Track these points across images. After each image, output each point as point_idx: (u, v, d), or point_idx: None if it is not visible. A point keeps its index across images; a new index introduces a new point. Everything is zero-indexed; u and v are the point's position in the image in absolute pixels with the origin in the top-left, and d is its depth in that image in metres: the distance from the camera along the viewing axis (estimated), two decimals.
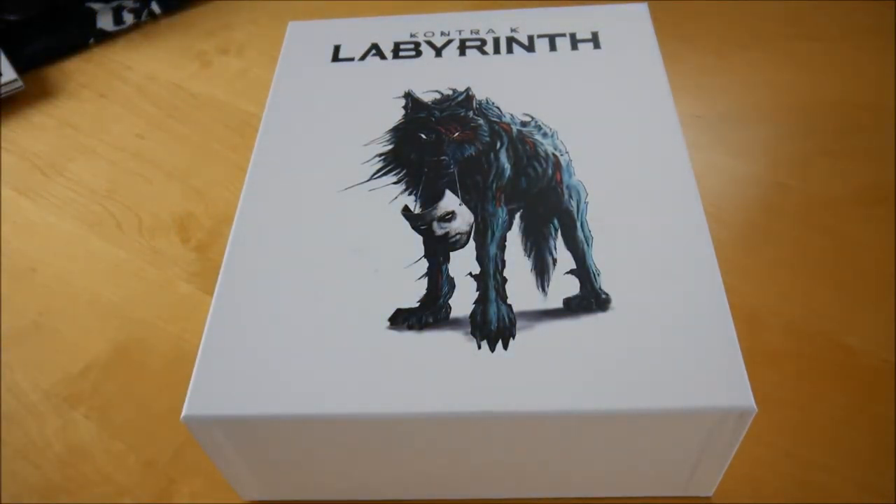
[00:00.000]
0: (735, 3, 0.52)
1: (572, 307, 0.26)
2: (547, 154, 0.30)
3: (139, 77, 0.52)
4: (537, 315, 0.26)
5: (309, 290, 0.27)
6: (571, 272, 0.27)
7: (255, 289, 0.27)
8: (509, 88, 0.34)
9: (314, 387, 0.24)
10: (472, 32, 0.37)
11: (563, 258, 0.27)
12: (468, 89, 0.34)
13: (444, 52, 0.36)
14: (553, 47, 0.36)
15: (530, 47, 0.36)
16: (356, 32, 0.38)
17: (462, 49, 0.36)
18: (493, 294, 0.26)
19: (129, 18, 0.55)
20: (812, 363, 0.32)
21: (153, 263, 0.39)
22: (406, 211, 0.29)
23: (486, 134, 0.31)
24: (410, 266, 0.27)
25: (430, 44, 0.37)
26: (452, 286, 0.27)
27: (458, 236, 0.28)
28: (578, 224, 0.28)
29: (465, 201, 0.29)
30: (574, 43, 0.36)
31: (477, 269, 0.27)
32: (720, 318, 0.25)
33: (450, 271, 0.27)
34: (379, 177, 0.30)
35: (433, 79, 0.35)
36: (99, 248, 0.40)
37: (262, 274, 0.28)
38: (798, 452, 0.30)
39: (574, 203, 0.29)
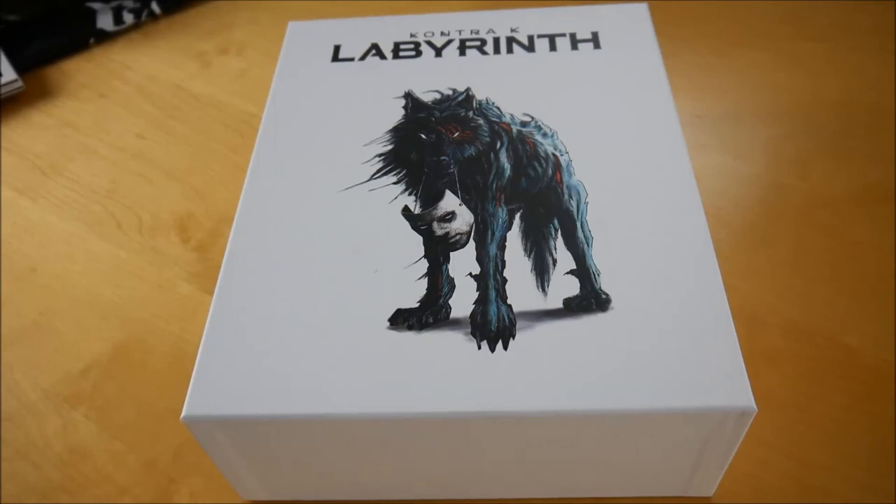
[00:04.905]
0: (735, 3, 0.52)
1: (572, 307, 0.26)
2: (547, 154, 0.30)
3: (139, 77, 0.52)
4: (537, 315, 0.26)
5: (309, 290, 0.27)
6: (571, 272, 0.27)
7: (255, 289, 0.27)
8: (509, 88, 0.34)
9: (314, 387, 0.24)
10: (472, 32, 0.37)
11: (563, 258, 0.27)
12: (468, 89, 0.34)
13: (444, 52, 0.36)
14: (553, 47, 0.36)
15: (530, 47, 0.36)
16: (356, 32, 0.38)
17: (462, 49, 0.36)
18: (493, 294, 0.26)
19: (129, 18, 0.55)
20: (812, 363, 0.32)
21: (153, 263, 0.39)
22: (406, 211, 0.29)
23: (486, 134, 0.31)
24: (410, 266, 0.27)
25: (430, 44, 0.37)
26: (452, 286, 0.27)
27: (458, 236, 0.28)
28: (578, 224, 0.28)
29: (465, 201, 0.29)
30: (574, 43, 0.36)
31: (477, 270, 0.27)
32: (720, 318, 0.25)
33: (450, 271, 0.27)
34: (379, 177, 0.30)
35: (433, 79, 0.35)
36: (99, 248, 0.40)
37: (262, 274, 0.28)
38: (798, 452, 0.30)
39: (574, 203, 0.29)
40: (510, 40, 0.36)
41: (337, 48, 0.37)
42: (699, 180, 0.40)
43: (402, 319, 0.26)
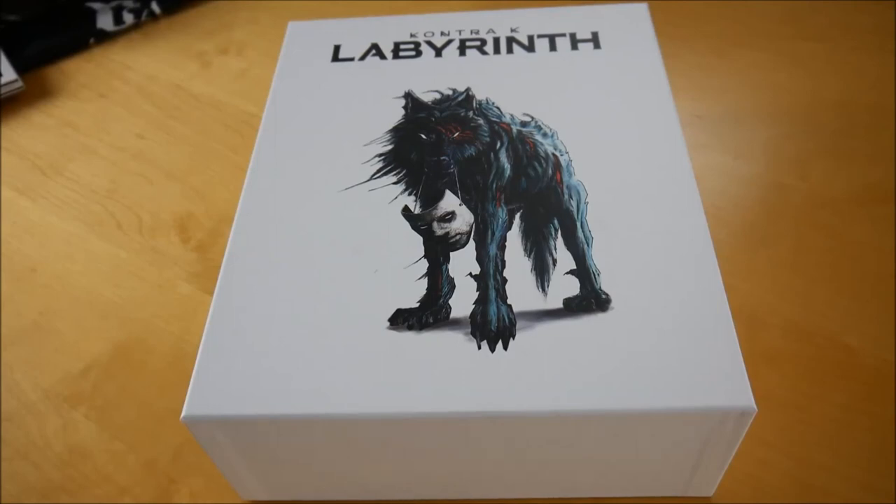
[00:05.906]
0: (735, 3, 0.52)
1: (572, 307, 0.26)
2: (547, 154, 0.30)
3: (139, 77, 0.52)
4: (537, 315, 0.26)
5: (309, 290, 0.27)
6: (571, 272, 0.27)
7: (255, 289, 0.27)
8: (509, 88, 0.34)
9: (314, 387, 0.24)
10: (472, 32, 0.37)
11: (563, 258, 0.27)
12: (468, 89, 0.34)
13: (444, 52, 0.36)
14: (553, 47, 0.36)
15: (530, 47, 0.36)
16: (356, 32, 0.38)
17: (462, 49, 0.36)
18: (493, 294, 0.26)
19: (129, 18, 0.55)
20: (812, 363, 0.32)
21: (153, 263, 0.39)
22: (406, 211, 0.29)
23: (486, 134, 0.31)
24: (410, 266, 0.27)
25: (430, 44, 0.37)
26: (452, 286, 0.27)
27: (458, 236, 0.28)
28: (578, 224, 0.28)
29: (465, 201, 0.29)
30: (574, 43, 0.36)
31: (477, 270, 0.27)
32: (720, 318, 0.25)
33: (450, 271, 0.27)
34: (379, 177, 0.30)
35: (433, 79, 0.35)
36: (99, 248, 0.40)
37: (262, 274, 0.28)
38: (798, 452, 0.30)
39: (574, 203, 0.29)
40: (510, 40, 0.36)
41: (337, 48, 0.37)
42: (699, 180, 0.40)
43: (402, 319, 0.26)
